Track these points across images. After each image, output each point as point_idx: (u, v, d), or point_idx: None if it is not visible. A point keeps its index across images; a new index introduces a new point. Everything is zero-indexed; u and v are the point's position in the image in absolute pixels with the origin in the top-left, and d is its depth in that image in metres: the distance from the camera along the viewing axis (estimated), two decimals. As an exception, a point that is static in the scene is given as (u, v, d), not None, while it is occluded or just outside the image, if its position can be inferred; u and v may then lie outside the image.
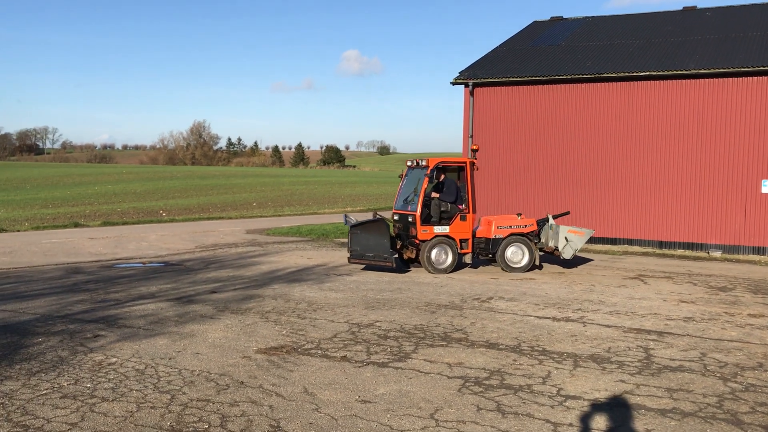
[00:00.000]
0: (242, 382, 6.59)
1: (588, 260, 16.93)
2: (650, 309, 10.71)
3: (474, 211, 14.80)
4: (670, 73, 18.67)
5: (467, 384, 6.69)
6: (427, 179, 14.33)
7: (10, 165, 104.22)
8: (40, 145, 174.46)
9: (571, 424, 5.66)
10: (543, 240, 15.00)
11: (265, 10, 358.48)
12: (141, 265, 15.49)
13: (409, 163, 15.28)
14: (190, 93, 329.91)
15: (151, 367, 7.03)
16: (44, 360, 7.20)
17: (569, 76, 19.87)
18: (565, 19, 26.33)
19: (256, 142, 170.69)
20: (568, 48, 22.41)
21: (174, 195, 47.38)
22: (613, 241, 19.66)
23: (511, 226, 14.83)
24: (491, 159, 20.99)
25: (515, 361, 7.59)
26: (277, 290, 11.87)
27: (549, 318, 9.92)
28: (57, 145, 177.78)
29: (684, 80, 18.72)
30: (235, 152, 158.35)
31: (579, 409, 6.02)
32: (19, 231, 24.37)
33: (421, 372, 7.07)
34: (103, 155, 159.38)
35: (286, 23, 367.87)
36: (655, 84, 19.05)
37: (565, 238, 14.64)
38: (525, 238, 14.73)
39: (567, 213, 16.99)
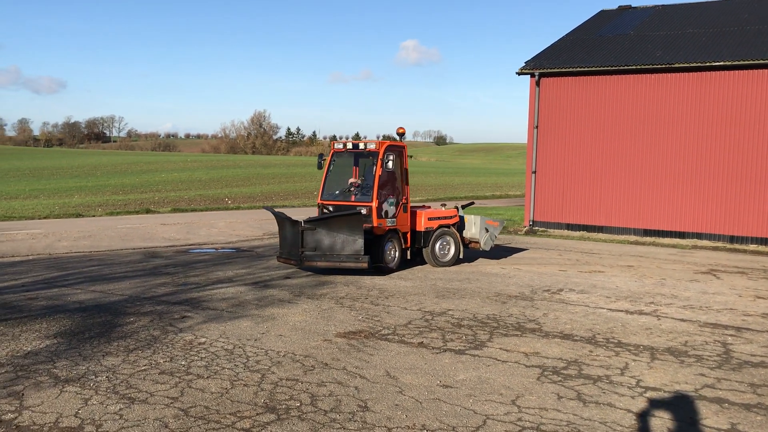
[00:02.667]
0: (326, 364, 6.84)
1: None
2: (725, 304, 10.54)
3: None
4: (746, 62, 18.12)
5: (545, 373, 6.78)
6: (380, 164, 12.45)
7: (80, 152, 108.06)
8: (107, 133, 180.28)
9: (653, 415, 5.70)
10: (464, 232, 14.42)
11: (325, 0, 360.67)
12: (214, 250, 16.00)
13: (338, 147, 13.24)
14: (250, 83, 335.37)
15: (239, 347, 7.36)
16: (139, 338, 7.62)
17: (638, 67, 19.50)
18: (634, 7, 25.78)
19: (314, 132, 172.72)
20: (637, 37, 21.97)
21: (237, 183, 48.41)
22: (681, 235, 19.27)
23: (439, 218, 13.87)
24: (555, 150, 20.81)
25: (591, 352, 7.63)
26: (348, 277, 12.14)
27: (622, 311, 9.88)
28: (123, 134, 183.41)
29: (762, 70, 18.14)
30: (294, 142, 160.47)
31: (660, 400, 6.05)
32: (94, 216, 25.38)
33: (498, 360, 7.19)
34: (167, 143, 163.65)
35: (346, 13, 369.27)
36: (730, 74, 18.53)
37: (486, 229, 14.30)
38: (452, 230, 13.93)
39: (472, 203, 16.59)
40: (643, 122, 19.69)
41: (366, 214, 12.18)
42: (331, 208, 12.63)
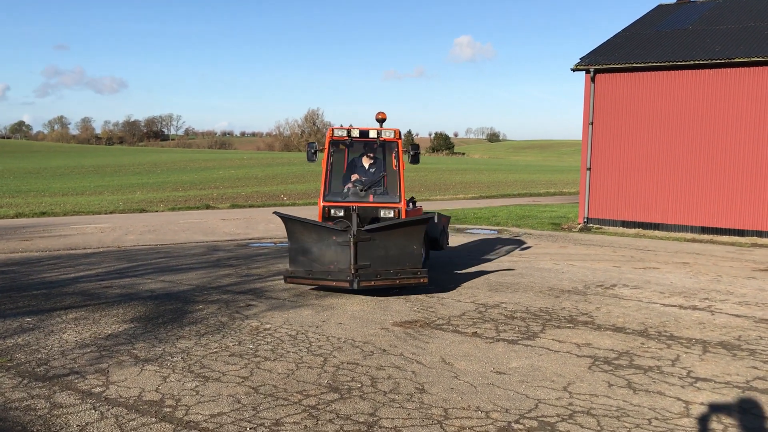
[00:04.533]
0: (384, 350, 7.19)
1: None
2: (783, 301, 10.48)
3: None
4: (809, 56, 17.71)
5: (596, 363, 6.98)
6: (402, 155, 10.77)
7: (140, 150, 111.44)
8: (165, 131, 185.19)
9: (702, 404, 5.86)
10: None
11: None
12: (273, 244, 16.55)
13: (340, 134, 10.78)
14: (304, 81, 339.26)
15: (302, 333, 7.78)
16: (208, 324, 8.11)
17: (696, 62, 19.25)
18: (693, 1, 25.36)
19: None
20: (695, 32, 21.65)
21: (292, 180, 49.36)
22: (740, 233, 18.97)
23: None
24: (610, 147, 20.70)
25: (643, 344, 7.77)
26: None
27: (675, 306, 9.95)
28: (180, 132, 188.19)
29: (825, 64, 17.71)
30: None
31: (711, 390, 6.19)
32: (157, 212, 26.37)
33: (551, 350, 7.42)
34: (223, 141, 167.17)
35: (399, 9, 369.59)
36: (793, 68, 18.13)
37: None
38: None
39: (413, 199, 13.64)
40: (701, 119, 19.44)
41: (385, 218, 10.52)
42: (340, 213, 10.51)
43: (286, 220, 9.79)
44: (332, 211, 10.54)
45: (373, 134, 10.75)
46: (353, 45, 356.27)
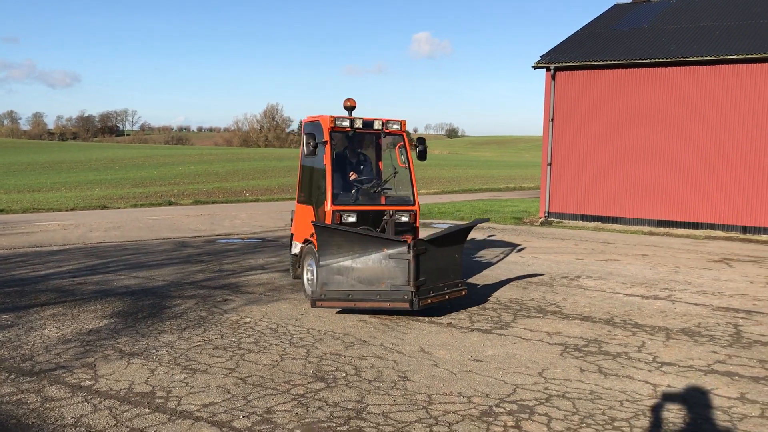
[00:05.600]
0: (365, 341, 7.40)
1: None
2: (737, 290, 11.00)
3: None
4: (760, 56, 18.46)
5: (567, 350, 7.31)
6: (409, 149, 9.71)
7: (95, 146, 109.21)
8: (121, 127, 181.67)
9: (669, 386, 6.22)
10: None
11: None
12: (240, 240, 16.60)
13: (342, 124, 9.18)
14: (263, 76, 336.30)
15: (282, 326, 7.94)
16: (188, 318, 8.21)
17: (652, 60, 19.88)
18: (648, 1, 26.10)
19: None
20: (651, 31, 22.33)
21: (254, 176, 49.07)
22: (695, 226, 19.68)
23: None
24: (570, 143, 21.24)
25: (609, 332, 8.14)
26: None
27: (638, 296, 10.38)
28: (136, 127, 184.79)
29: (774, 63, 18.47)
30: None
31: (675, 374, 6.56)
32: (119, 208, 26.08)
33: (523, 338, 7.73)
34: (180, 137, 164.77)
35: (358, 5, 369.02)
36: (744, 67, 18.88)
37: None
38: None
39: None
40: (658, 115, 20.08)
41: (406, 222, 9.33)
42: (352, 218, 8.98)
43: (324, 230, 8.16)
44: (343, 216, 8.91)
45: (377, 125, 9.41)
46: (312, 39, 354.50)
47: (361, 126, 9.30)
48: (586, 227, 20.44)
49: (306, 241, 9.46)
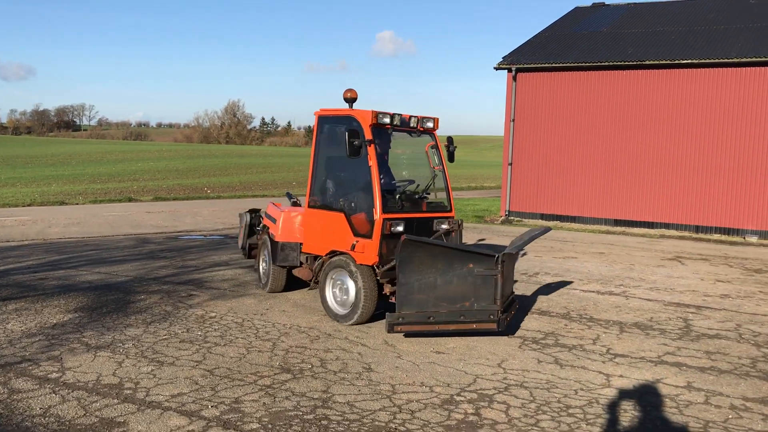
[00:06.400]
0: (329, 335, 7.56)
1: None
2: (688, 287, 11.44)
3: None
4: (712, 61, 19.12)
5: (526, 342, 7.57)
6: (441, 149, 9.03)
7: (51, 141, 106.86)
8: (77, 121, 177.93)
9: (621, 376, 6.52)
10: None
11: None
12: (203, 237, 16.57)
13: (384, 120, 8.19)
14: (224, 71, 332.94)
15: (248, 320, 8.05)
16: (154, 313, 8.25)
17: (611, 63, 20.41)
18: (607, 5, 26.74)
19: (289, 122, 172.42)
20: (610, 35, 22.90)
21: (215, 173, 48.69)
22: (650, 225, 20.27)
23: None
24: (531, 143, 21.67)
25: (566, 325, 8.44)
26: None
27: (593, 291, 10.73)
28: (93, 122, 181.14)
29: (726, 68, 19.15)
30: (268, 132, 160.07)
31: (628, 365, 6.87)
32: (77, 204, 25.70)
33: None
34: (138, 132, 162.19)
35: (321, 2, 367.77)
36: (697, 72, 19.52)
37: None
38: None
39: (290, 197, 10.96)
40: (615, 117, 20.63)
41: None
42: (400, 227, 7.96)
43: (410, 243, 6.97)
44: (392, 225, 7.92)
45: (413, 122, 8.57)
46: (275, 35, 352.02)
47: (399, 123, 8.39)
48: (545, 226, 20.86)
49: (332, 253, 8.33)
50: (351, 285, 7.99)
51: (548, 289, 10.81)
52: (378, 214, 7.80)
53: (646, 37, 21.96)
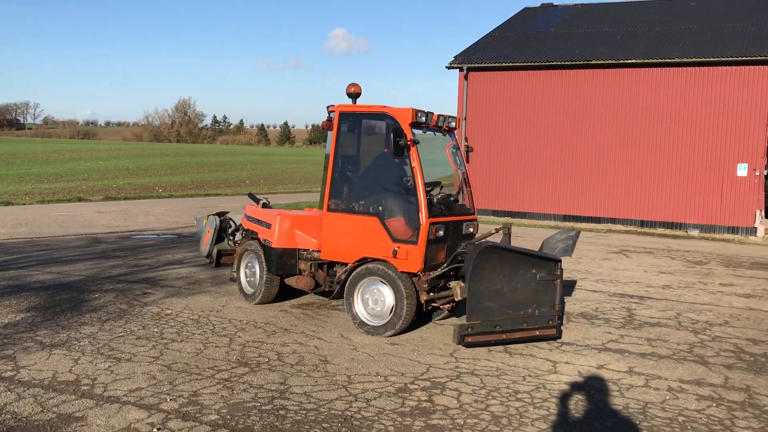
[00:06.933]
0: (286, 329, 7.68)
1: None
2: (632, 278, 11.90)
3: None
4: (654, 61, 19.80)
5: (477, 333, 7.81)
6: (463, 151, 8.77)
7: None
8: (21, 120, 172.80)
9: (567, 362, 6.81)
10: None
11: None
12: (156, 236, 16.44)
13: (421, 118, 7.71)
14: (174, 69, 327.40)
15: (204, 317, 8.11)
16: (109, 311, 8.24)
17: (559, 63, 20.95)
18: (555, 5, 27.36)
19: (241, 120, 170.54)
20: (558, 35, 23.47)
21: (166, 172, 48.03)
22: (597, 220, 20.88)
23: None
24: (483, 141, 22.07)
25: (516, 317, 8.71)
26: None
27: (542, 284, 11.06)
28: (38, 120, 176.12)
29: (668, 68, 19.86)
30: (220, 130, 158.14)
31: (573, 352, 7.18)
32: (25, 204, 25.12)
33: (437, 323, 8.20)
34: (86, 131, 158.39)
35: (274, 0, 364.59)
36: (641, 71, 20.19)
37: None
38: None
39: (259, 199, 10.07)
40: (564, 115, 21.17)
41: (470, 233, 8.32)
42: (441, 232, 7.65)
43: (486, 249, 6.76)
44: (437, 230, 7.58)
45: (440, 121, 8.11)
46: (226, 32, 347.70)
47: (425, 121, 7.84)
48: (497, 222, 21.31)
49: (362, 261, 7.75)
50: (388, 294, 7.48)
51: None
52: (424, 219, 7.40)
53: (593, 38, 22.58)
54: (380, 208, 7.72)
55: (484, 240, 7.39)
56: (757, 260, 14.67)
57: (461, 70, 22.18)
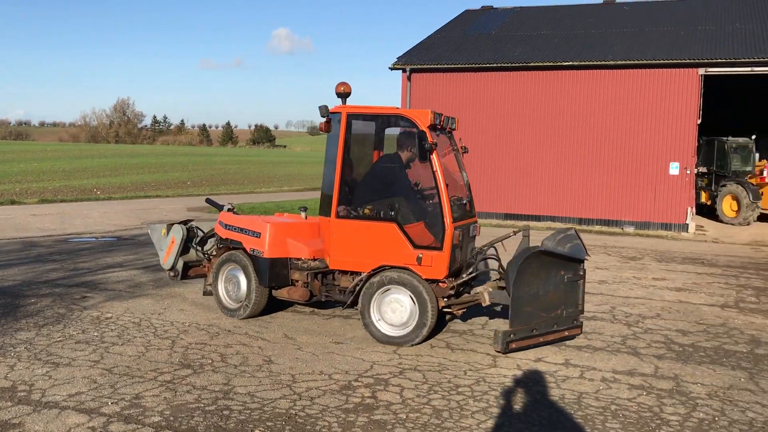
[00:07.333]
0: (229, 331, 7.67)
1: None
2: (570, 274, 12.24)
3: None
4: (590, 63, 20.39)
5: (420, 330, 7.95)
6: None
7: None
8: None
9: (506, 356, 7.01)
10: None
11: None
12: (94, 239, 16.07)
13: (437, 121, 7.80)
14: (112, 68, 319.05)
15: (146, 320, 8.01)
16: (46, 316, 8.06)
17: (500, 65, 21.35)
18: (495, 8, 27.86)
19: (182, 120, 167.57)
20: (498, 37, 23.91)
21: (104, 173, 46.87)
22: (537, 218, 21.38)
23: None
24: (427, 141, 22.30)
25: (458, 313, 8.90)
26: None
27: (484, 281, 11.31)
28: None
29: (603, 70, 20.47)
30: (160, 131, 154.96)
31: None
32: (-46, 208, 24.18)
33: (380, 322, 8.30)
34: (19, 132, 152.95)
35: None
36: (577, 73, 20.75)
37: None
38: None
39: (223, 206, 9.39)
40: (505, 116, 21.60)
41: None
42: (461, 237, 7.62)
43: (534, 254, 6.95)
44: (460, 235, 7.54)
45: (444, 123, 8.08)
46: (167, 31, 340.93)
47: (436, 121, 7.72)
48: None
49: (381, 268, 7.43)
50: (408, 302, 7.26)
51: (442, 280, 11.29)
52: (449, 223, 7.25)
53: (532, 40, 23.09)
54: (397, 214, 7.45)
55: (528, 246, 7.37)
56: (688, 255, 15.29)
57: (404, 71, 22.37)
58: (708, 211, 23.25)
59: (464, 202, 8.11)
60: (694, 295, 10.58)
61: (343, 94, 7.93)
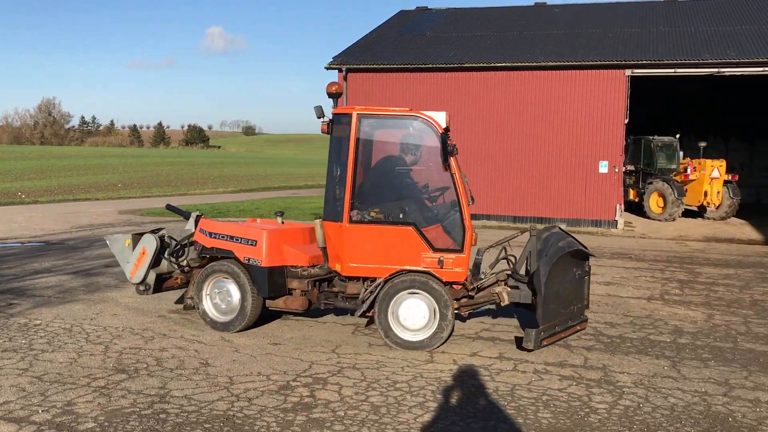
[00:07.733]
0: (165, 334, 7.56)
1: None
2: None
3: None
4: (522, 64, 20.87)
5: (358, 329, 8.03)
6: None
7: None
8: None
9: (443, 352, 7.15)
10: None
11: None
12: (20, 244, 15.51)
13: (446, 125, 7.73)
14: (37, 67, 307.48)
15: (77, 326, 7.81)
16: (-31, 324, 7.76)
17: (434, 66, 21.62)
18: (430, 9, 28.19)
19: (112, 121, 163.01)
20: (433, 38, 24.20)
21: (29, 176, 45.20)
22: (473, 217, 21.65)
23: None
24: (363, 141, 22.39)
25: (396, 311, 9.00)
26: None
27: (421, 279, 11.45)
28: None
29: (534, 71, 20.99)
30: (89, 131, 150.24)
31: (449, 342, 7.51)
32: None
33: (319, 321, 8.34)
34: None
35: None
36: (510, 74, 21.20)
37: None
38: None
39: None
40: (439, 116, 21.84)
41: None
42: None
43: (566, 254, 7.04)
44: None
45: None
46: (94, 28, 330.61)
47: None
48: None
49: (398, 273, 7.27)
50: (426, 307, 7.16)
51: (380, 279, 11.37)
52: (469, 225, 7.27)
53: (466, 41, 23.46)
54: (414, 217, 7.34)
55: (560, 245, 7.25)
56: (617, 251, 15.85)
57: (340, 71, 22.39)
58: (636, 208, 24.10)
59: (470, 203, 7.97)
60: (622, 289, 10.98)
61: (335, 94, 7.79)
